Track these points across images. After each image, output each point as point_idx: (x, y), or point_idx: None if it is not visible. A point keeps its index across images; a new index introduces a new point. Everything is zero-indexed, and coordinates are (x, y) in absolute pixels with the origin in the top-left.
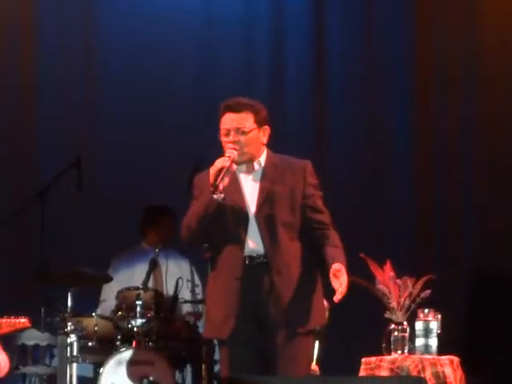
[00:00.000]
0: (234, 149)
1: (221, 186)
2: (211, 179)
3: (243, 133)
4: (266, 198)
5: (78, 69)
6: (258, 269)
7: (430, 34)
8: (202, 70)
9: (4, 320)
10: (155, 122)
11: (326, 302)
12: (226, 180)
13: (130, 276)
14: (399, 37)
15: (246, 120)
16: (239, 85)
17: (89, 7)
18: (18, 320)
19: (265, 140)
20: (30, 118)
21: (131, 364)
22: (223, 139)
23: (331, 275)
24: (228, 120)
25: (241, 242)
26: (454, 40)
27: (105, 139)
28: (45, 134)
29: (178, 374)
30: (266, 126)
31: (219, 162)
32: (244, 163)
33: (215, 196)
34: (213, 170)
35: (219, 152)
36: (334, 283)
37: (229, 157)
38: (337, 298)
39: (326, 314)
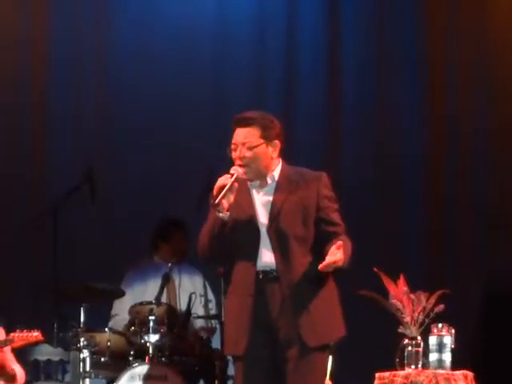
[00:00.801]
0: (241, 164)
1: (225, 204)
2: (213, 197)
3: (249, 148)
4: (279, 213)
5: (90, 81)
6: (271, 284)
7: (442, 45)
8: (215, 82)
9: (17, 334)
10: (168, 135)
11: None
12: (232, 197)
13: (143, 291)
14: (412, 45)
15: (253, 135)
16: (252, 96)
17: (101, 17)
18: (30, 334)
19: (275, 155)
20: (41, 131)
21: (144, 379)
22: (232, 154)
23: (331, 249)
24: (236, 135)
25: (253, 258)
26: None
27: (117, 152)
28: (57, 146)
29: None
30: (276, 141)
31: (221, 180)
32: (255, 178)
33: (220, 214)
34: (215, 188)
35: (229, 167)
36: (329, 256)
37: (231, 174)
38: (322, 264)
39: (343, 327)
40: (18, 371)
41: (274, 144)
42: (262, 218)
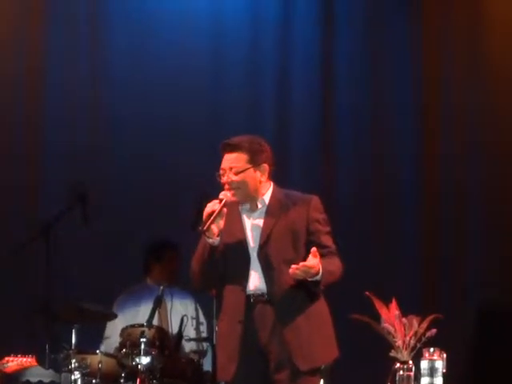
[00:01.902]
0: (229, 189)
1: (215, 230)
2: (202, 223)
3: (236, 173)
4: (268, 237)
5: (83, 105)
6: (262, 307)
7: (437, 61)
8: (209, 106)
9: (11, 358)
10: (160, 157)
11: None
12: (221, 223)
13: (135, 313)
14: (405, 61)
15: (240, 160)
16: (246, 100)
17: (96, 32)
18: (25, 359)
19: (264, 179)
20: (34, 152)
21: None
22: (221, 179)
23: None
24: (224, 160)
25: (243, 282)
26: (461, 67)
27: (111, 173)
28: (50, 167)
29: None
30: (265, 165)
31: (209, 206)
32: (244, 201)
33: (210, 240)
34: (204, 214)
35: (222, 189)
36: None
37: (220, 199)
38: (292, 268)
39: (336, 349)
40: None
41: (262, 168)
42: (252, 242)
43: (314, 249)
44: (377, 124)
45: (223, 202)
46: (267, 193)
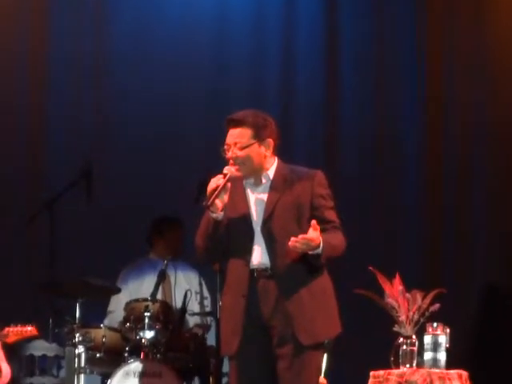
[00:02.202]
0: (233, 164)
1: (219, 204)
2: (206, 198)
3: (241, 148)
4: (272, 211)
5: (88, 79)
6: (265, 282)
7: (442, 54)
8: (212, 82)
9: (11, 328)
10: (165, 132)
11: None
12: (225, 197)
13: (139, 287)
14: (410, 45)
15: (244, 135)
16: (251, 94)
17: (99, 16)
18: (25, 328)
19: (268, 153)
20: (39, 128)
21: (139, 376)
22: (226, 154)
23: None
24: (228, 136)
25: (247, 256)
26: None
27: (115, 149)
28: (54, 144)
29: None
30: (269, 140)
31: (213, 181)
32: (249, 176)
33: (214, 215)
34: (208, 189)
35: (224, 165)
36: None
37: (225, 174)
38: (292, 240)
39: (339, 324)
40: (4, 368)
41: (266, 143)
42: (257, 217)
43: (313, 222)
44: (379, 101)
45: (227, 176)
46: (272, 168)
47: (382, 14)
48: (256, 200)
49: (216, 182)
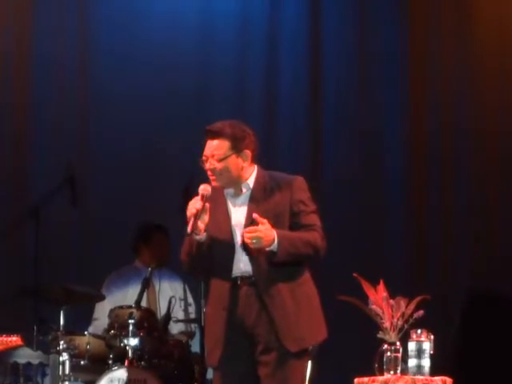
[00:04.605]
0: (211, 175)
1: (201, 226)
2: (188, 224)
3: (218, 160)
4: (252, 222)
5: (72, 83)
6: (248, 289)
7: (424, 58)
8: (196, 86)
9: None
10: (148, 139)
11: None
12: (206, 218)
13: (123, 295)
14: (393, 37)
15: (221, 147)
16: (234, 97)
17: (84, 17)
18: (10, 338)
19: (246, 164)
20: (23, 132)
21: (123, 383)
22: (204, 165)
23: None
24: (206, 147)
25: (229, 267)
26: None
27: (99, 155)
28: (38, 148)
29: None
30: (247, 151)
31: (192, 205)
32: (228, 186)
33: (197, 237)
34: (188, 214)
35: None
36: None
37: (202, 195)
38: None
39: (324, 330)
40: None
41: (244, 154)
42: (237, 227)
43: (254, 215)
44: (364, 100)
45: (205, 197)
46: (251, 177)
47: (366, 20)
48: (237, 211)
49: (194, 205)
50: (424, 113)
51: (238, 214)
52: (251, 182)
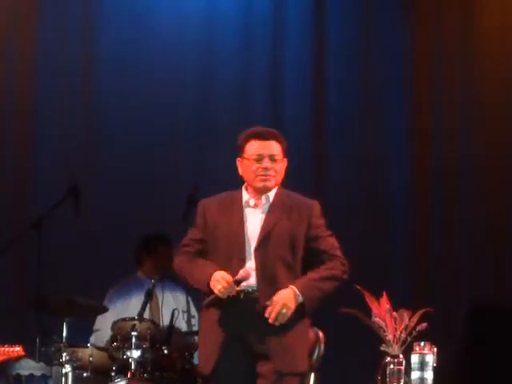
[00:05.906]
0: (264, 174)
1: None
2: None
3: (275, 161)
4: (269, 234)
5: (77, 93)
6: (250, 304)
7: (428, 67)
8: (200, 94)
9: None
10: (152, 150)
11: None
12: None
13: (126, 307)
14: (397, 63)
15: (278, 149)
16: (238, 104)
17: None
18: (12, 349)
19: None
20: (27, 142)
21: None
22: (254, 165)
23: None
24: (259, 147)
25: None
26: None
27: (103, 166)
28: (42, 160)
29: None
30: (286, 159)
31: (226, 291)
32: (268, 192)
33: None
34: (216, 292)
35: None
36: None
37: (238, 281)
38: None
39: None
40: None
41: (285, 162)
42: (252, 238)
43: (277, 301)
44: (367, 100)
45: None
46: (273, 190)
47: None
48: (253, 220)
49: (228, 291)
50: (427, 125)
51: (253, 224)
52: (272, 195)
